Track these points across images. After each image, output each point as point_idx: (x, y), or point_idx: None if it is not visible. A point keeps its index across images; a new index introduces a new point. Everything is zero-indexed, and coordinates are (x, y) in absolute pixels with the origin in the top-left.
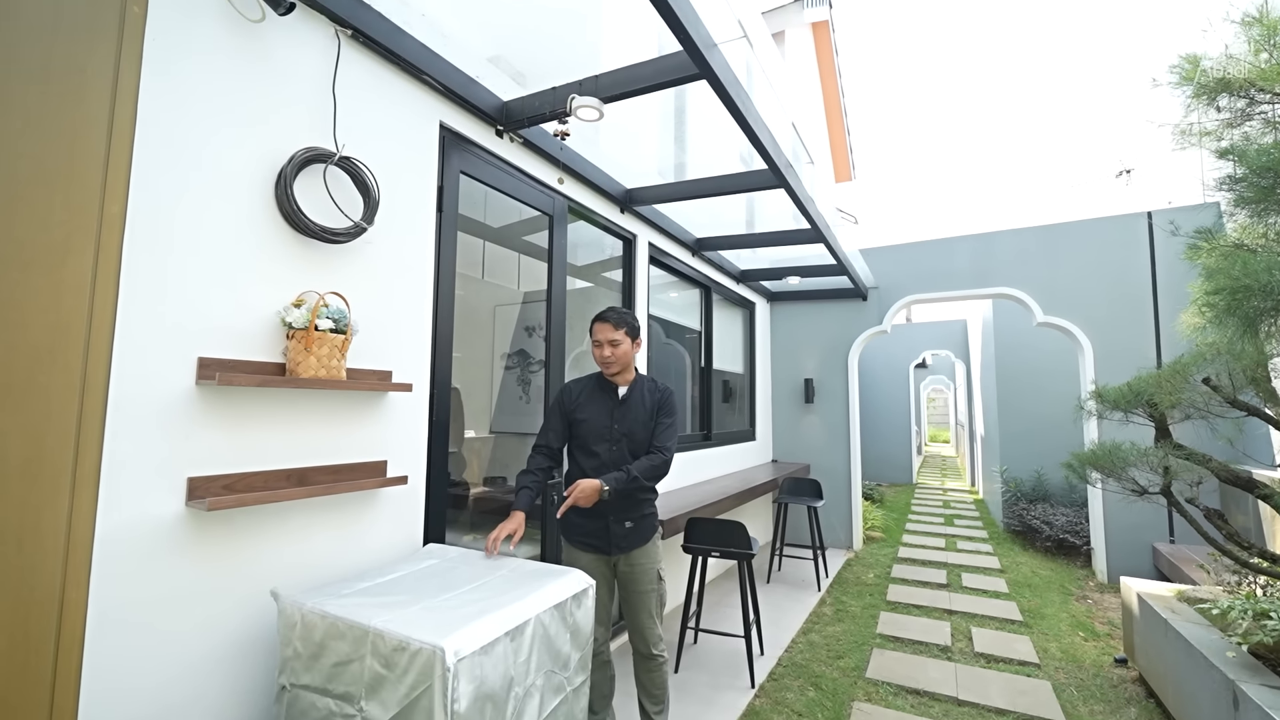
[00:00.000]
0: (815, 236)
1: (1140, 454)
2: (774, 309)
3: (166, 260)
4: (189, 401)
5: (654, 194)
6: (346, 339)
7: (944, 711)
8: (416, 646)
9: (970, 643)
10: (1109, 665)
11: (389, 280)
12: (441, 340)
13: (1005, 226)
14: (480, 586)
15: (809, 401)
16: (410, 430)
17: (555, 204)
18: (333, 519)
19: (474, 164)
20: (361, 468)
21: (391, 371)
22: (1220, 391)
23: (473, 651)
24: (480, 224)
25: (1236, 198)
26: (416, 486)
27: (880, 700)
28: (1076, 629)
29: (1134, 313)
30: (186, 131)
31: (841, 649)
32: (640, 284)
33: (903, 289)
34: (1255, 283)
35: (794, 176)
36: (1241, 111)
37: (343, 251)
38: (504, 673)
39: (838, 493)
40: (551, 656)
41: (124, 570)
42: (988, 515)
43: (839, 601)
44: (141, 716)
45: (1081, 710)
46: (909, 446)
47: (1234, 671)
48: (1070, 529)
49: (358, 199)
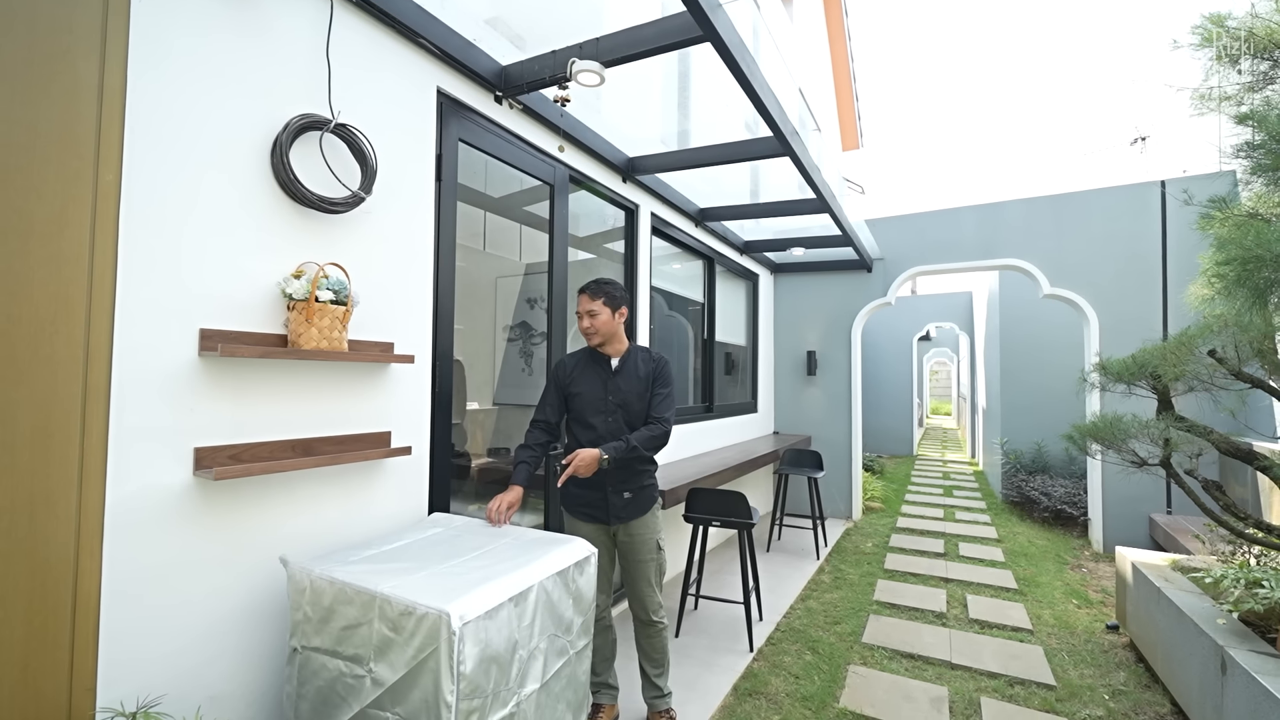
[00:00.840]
0: (820, 207)
1: (1141, 426)
2: (777, 281)
3: (163, 230)
4: (192, 372)
5: (657, 162)
6: (347, 310)
7: (937, 674)
8: (423, 611)
9: (965, 609)
10: (1101, 631)
11: (389, 251)
12: (443, 312)
13: (1014, 196)
14: (485, 554)
15: (811, 374)
16: (413, 401)
17: (556, 173)
18: (339, 488)
19: (473, 131)
20: (366, 438)
21: (393, 343)
22: (1225, 364)
23: (478, 616)
24: (480, 194)
25: (1254, 165)
26: (420, 457)
27: (875, 664)
28: (1070, 597)
29: (1142, 285)
30: (176, 95)
31: (839, 615)
32: (642, 255)
33: (908, 260)
34: (1267, 253)
35: (799, 144)
36: (1264, 75)
37: (342, 222)
38: (508, 636)
39: (838, 464)
40: (554, 621)
41: (135, 538)
42: (987, 487)
43: (837, 570)
44: (159, 679)
45: (1072, 674)
46: (910, 419)
47: (1223, 638)
48: (1068, 500)
49: (355, 168)
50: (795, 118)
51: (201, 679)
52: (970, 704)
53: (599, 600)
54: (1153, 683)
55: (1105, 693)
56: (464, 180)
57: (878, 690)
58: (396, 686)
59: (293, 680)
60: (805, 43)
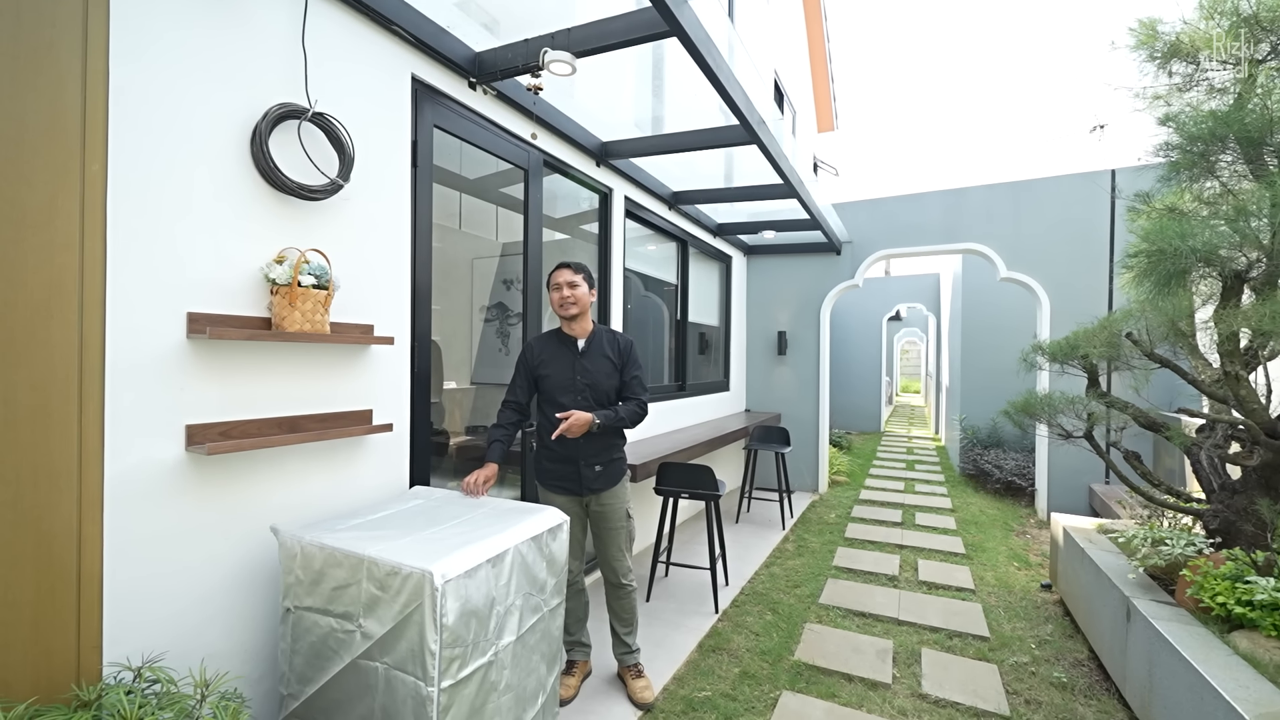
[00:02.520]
0: (788, 192)
1: (1067, 402)
2: (750, 262)
3: (149, 217)
4: (182, 354)
5: (630, 147)
6: (329, 294)
7: (885, 630)
8: (408, 571)
9: (916, 573)
10: (1036, 590)
11: (367, 237)
12: (420, 294)
13: (979, 181)
14: (463, 522)
15: (782, 353)
16: (393, 381)
17: (530, 158)
18: (324, 463)
19: (447, 117)
20: (349, 416)
21: (373, 325)
22: (1139, 345)
23: (458, 575)
24: (456, 175)
25: (1170, 164)
26: (401, 433)
27: (830, 622)
28: (1012, 560)
29: (1091, 269)
30: (157, 86)
31: (799, 579)
32: (616, 237)
33: (875, 243)
34: (1169, 247)
35: (767, 134)
36: (1189, 77)
37: (321, 209)
38: (486, 593)
39: (806, 440)
40: (529, 581)
41: (134, 509)
42: (947, 461)
43: (801, 539)
44: (162, 638)
45: (1005, 627)
46: (878, 396)
47: (1130, 590)
48: (1018, 472)
49: (333, 156)
50: (763, 106)
51: (201, 638)
52: (912, 654)
53: (572, 565)
54: (1075, 632)
55: (1032, 642)
56: (440, 162)
57: (830, 644)
58: (385, 639)
59: (287, 637)
60: (781, 21)
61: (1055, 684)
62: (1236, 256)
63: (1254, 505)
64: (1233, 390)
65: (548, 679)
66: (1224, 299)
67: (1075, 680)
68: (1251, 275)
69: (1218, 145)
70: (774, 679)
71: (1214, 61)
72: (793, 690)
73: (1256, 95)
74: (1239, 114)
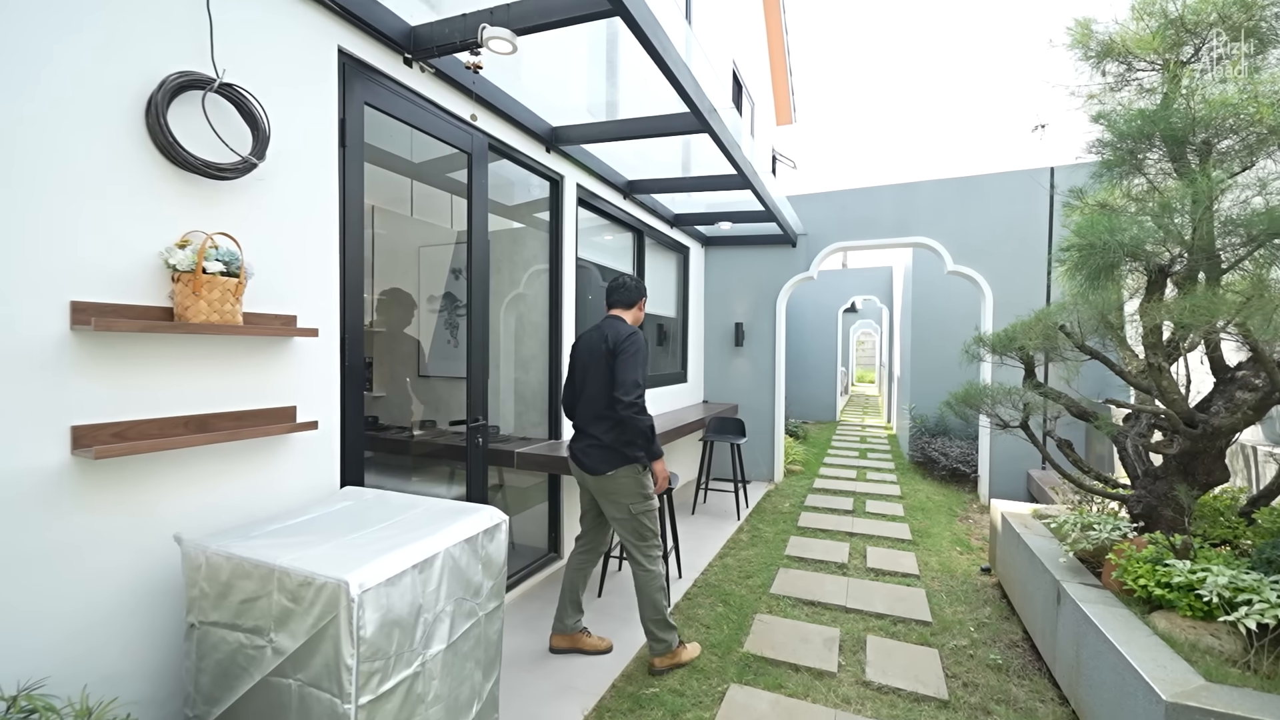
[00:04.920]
0: (743, 183)
1: (1005, 392)
2: (708, 254)
3: (20, 193)
4: (64, 348)
5: (582, 133)
6: (240, 282)
7: (833, 618)
8: (322, 581)
9: (864, 560)
10: (976, 574)
11: (288, 220)
12: (351, 284)
13: (929, 176)
14: (392, 525)
15: (739, 345)
16: (320, 375)
17: (474, 141)
18: (241, 465)
19: (381, 95)
20: (268, 413)
21: (296, 316)
22: (1071, 337)
23: (378, 583)
24: (401, 159)
25: (1103, 161)
26: (330, 431)
27: (779, 612)
28: (955, 545)
29: (1031, 264)
30: (26, 45)
31: (751, 570)
32: (568, 226)
33: (829, 236)
34: (1099, 241)
35: (718, 122)
36: (1120, 77)
37: (232, 189)
38: (412, 601)
39: (762, 430)
40: (462, 585)
41: (11, 522)
42: (897, 449)
43: (755, 529)
44: (50, 663)
45: (947, 611)
46: (834, 387)
47: (1060, 573)
48: (963, 459)
49: (246, 132)
50: (717, 95)
51: (98, 660)
52: (858, 642)
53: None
54: (1010, 614)
55: (971, 625)
56: (383, 145)
57: (779, 635)
58: (298, 654)
59: (192, 655)
60: (740, 12)
61: (991, 666)
62: (1161, 251)
63: (1173, 491)
64: (1156, 381)
65: (484, 685)
66: (1149, 293)
67: (1010, 661)
68: (1174, 269)
69: (1145, 143)
70: (722, 672)
71: (1144, 62)
72: (740, 683)
73: (1181, 95)
74: (1165, 113)
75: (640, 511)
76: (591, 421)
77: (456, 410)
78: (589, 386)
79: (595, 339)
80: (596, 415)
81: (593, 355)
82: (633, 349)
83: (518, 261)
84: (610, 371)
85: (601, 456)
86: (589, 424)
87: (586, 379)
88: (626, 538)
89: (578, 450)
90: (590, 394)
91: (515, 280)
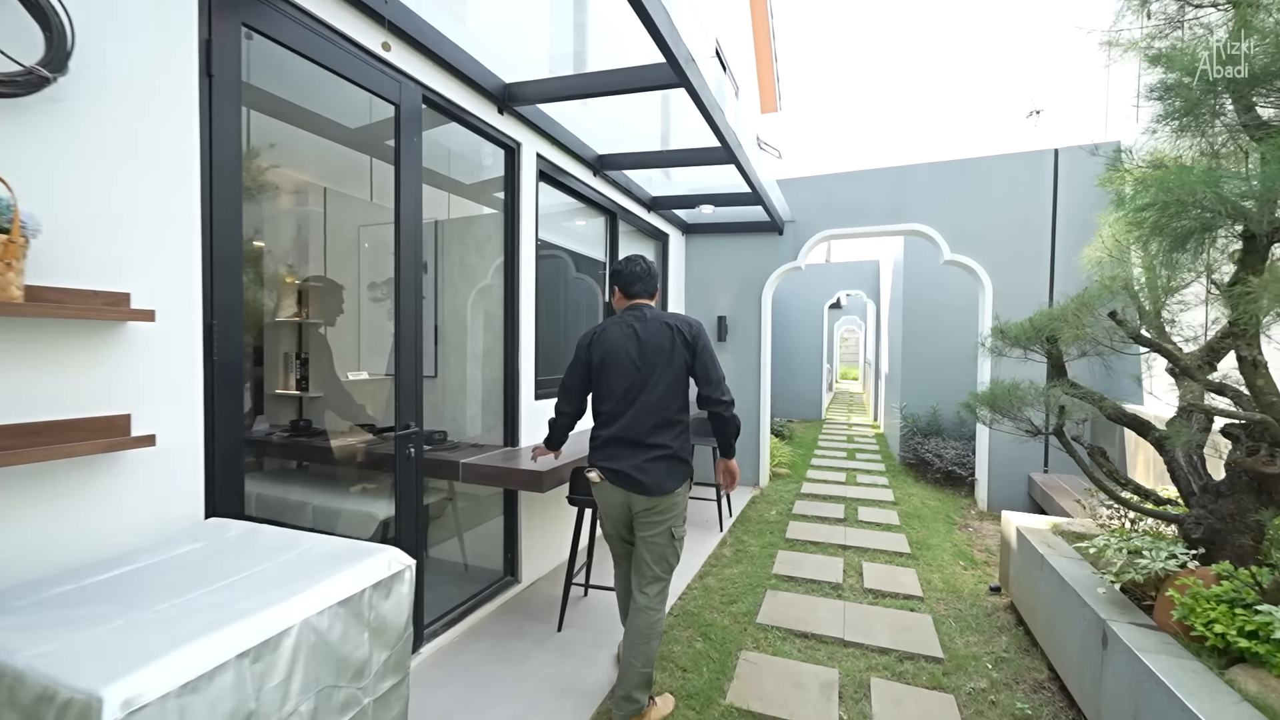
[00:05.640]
0: (727, 156)
1: (1038, 393)
2: (689, 242)
3: None
4: None
5: (540, 90)
6: (13, 242)
7: (829, 654)
8: (66, 696)
9: (861, 578)
10: (984, 594)
11: (114, 164)
12: (223, 256)
13: (923, 160)
14: (239, 582)
15: (722, 340)
16: (169, 374)
17: (404, 91)
18: (31, 496)
19: (265, 16)
20: (81, 425)
21: (129, 294)
22: (1125, 326)
23: (161, 695)
24: (328, 121)
25: (1165, 110)
26: (185, 447)
27: (768, 647)
28: (958, 558)
29: (1033, 252)
30: None
31: (736, 593)
32: (525, 203)
33: (817, 224)
34: (1190, 197)
35: (697, 75)
36: (1171, 19)
37: (10, 112)
38: (234, 709)
39: (746, 431)
40: (334, 668)
41: None
42: (886, 449)
43: (739, 541)
44: None
45: (958, 642)
46: (820, 384)
47: (1102, 608)
48: (958, 461)
49: (32, 31)
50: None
51: None
52: (860, 686)
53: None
54: (1031, 646)
55: (989, 661)
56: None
57: (767, 679)
58: None
59: None
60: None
61: (1019, 717)
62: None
63: (1245, 512)
64: (1249, 379)
65: None
66: (1243, 265)
67: (1039, 709)
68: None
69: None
70: None
71: None
72: None
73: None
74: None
75: (680, 535)
76: (656, 431)
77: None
78: (659, 389)
79: (659, 334)
80: (667, 422)
81: (661, 353)
82: (708, 340)
83: (487, 251)
84: (686, 369)
85: (667, 471)
86: (653, 434)
87: (648, 381)
88: (653, 566)
89: (631, 468)
90: (659, 397)
91: (484, 270)
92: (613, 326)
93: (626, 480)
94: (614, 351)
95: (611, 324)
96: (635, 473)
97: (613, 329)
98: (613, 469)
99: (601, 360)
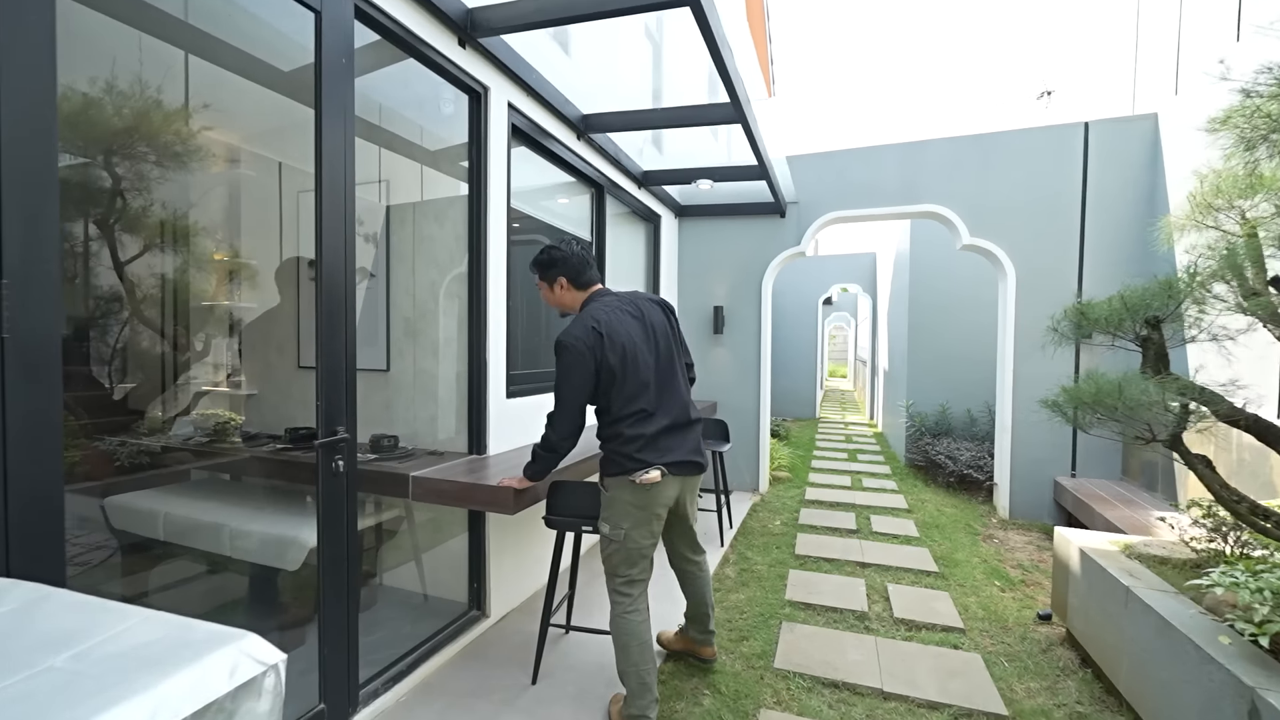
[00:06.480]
0: (732, 114)
1: (1159, 391)
2: (683, 225)
3: None
4: None
5: (511, 14)
6: None
7: (868, 712)
8: None
9: (888, 605)
10: (1033, 624)
11: None
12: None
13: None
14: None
15: (718, 332)
16: None
17: None
18: None
19: None
20: None
21: None
22: None
23: None
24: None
25: None
26: None
27: (792, 701)
28: (991, 577)
29: (1059, 236)
30: None
31: (746, 626)
32: (495, 162)
33: (824, 205)
34: None
35: None
36: None
37: None
38: None
39: (746, 433)
40: None
41: None
42: (888, 449)
43: (743, 558)
44: None
45: (1018, 690)
46: (814, 381)
47: (1245, 671)
48: (974, 464)
49: None
50: None
51: None
52: None
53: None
54: (1107, 694)
55: (1061, 717)
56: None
57: None
58: None
59: None
60: None
61: None
62: None
63: None
64: None
65: None
66: None
67: None
68: None
69: None
70: None
71: None
72: None
73: None
74: None
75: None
76: (688, 407)
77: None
78: (676, 364)
79: (653, 311)
80: (689, 400)
81: (662, 333)
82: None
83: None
84: (679, 344)
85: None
86: (690, 409)
87: (670, 362)
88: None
89: (691, 452)
90: (678, 372)
91: (444, 245)
92: (614, 321)
93: (690, 467)
94: (632, 347)
95: (609, 318)
96: (695, 456)
97: (616, 324)
98: (673, 461)
99: (622, 360)
